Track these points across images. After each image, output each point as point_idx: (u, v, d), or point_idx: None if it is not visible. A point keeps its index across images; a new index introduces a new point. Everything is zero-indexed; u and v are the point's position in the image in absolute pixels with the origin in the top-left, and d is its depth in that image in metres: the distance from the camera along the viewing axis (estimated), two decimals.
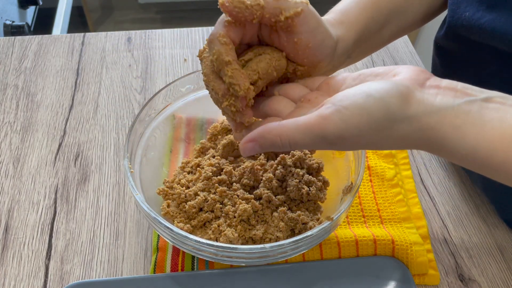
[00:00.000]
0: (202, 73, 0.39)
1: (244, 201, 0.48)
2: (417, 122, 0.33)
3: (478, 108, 0.33)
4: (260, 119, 0.41)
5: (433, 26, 0.59)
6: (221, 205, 0.48)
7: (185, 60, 0.75)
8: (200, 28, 0.81)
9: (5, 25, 0.99)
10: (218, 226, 0.47)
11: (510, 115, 0.32)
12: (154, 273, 0.48)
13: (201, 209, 0.49)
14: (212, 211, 0.48)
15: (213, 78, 0.38)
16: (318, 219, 0.48)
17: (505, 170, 0.32)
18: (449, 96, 0.33)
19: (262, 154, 0.53)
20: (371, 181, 0.57)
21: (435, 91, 0.34)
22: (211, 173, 0.50)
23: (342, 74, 0.39)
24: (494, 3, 0.45)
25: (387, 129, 0.33)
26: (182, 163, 0.55)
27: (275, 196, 0.49)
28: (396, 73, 0.35)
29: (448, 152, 0.33)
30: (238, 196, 0.49)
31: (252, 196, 0.49)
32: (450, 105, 0.33)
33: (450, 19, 0.51)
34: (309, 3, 0.38)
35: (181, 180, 0.51)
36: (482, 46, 0.48)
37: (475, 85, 0.54)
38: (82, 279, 0.49)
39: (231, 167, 0.51)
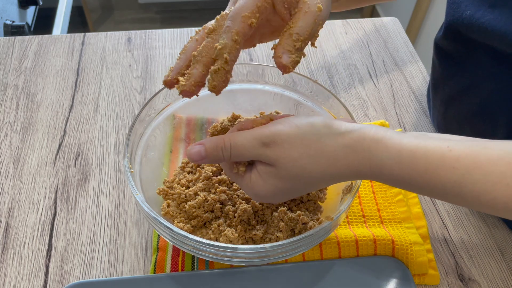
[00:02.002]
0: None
1: (244, 201, 0.48)
2: (341, 138, 0.37)
3: (393, 131, 0.37)
4: None
5: (434, 27, 0.59)
6: (221, 205, 0.48)
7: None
8: (200, 28, 0.81)
9: (5, 25, 0.99)
10: (218, 226, 0.47)
11: (422, 137, 0.37)
12: (154, 273, 0.48)
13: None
14: (212, 211, 0.48)
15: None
16: (318, 219, 0.48)
17: (427, 180, 0.35)
18: (367, 125, 0.38)
19: None
20: (371, 181, 0.57)
21: (355, 123, 0.39)
22: (211, 173, 0.50)
23: None
24: (495, 2, 0.45)
25: (315, 143, 0.37)
26: (182, 163, 0.55)
27: None
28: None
29: (379, 166, 0.36)
30: (238, 196, 0.49)
31: None
32: (368, 126, 0.38)
33: (450, 18, 0.51)
34: None
35: (181, 180, 0.51)
36: (481, 46, 0.48)
37: (472, 88, 0.55)
38: (82, 279, 0.49)
39: None
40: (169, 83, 0.41)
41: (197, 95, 0.40)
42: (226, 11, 0.41)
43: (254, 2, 0.39)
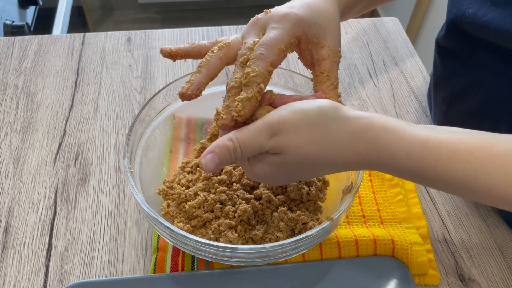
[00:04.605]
0: (241, 76, 0.40)
1: (244, 201, 0.48)
2: (348, 124, 0.36)
3: (403, 122, 0.36)
4: None
5: (433, 27, 0.59)
6: (221, 205, 0.48)
7: (185, 60, 0.75)
8: (200, 28, 0.81)
9: (5, 25, 0.99)
10: (218, 226, 0.47)
11: (433, 129, 0.36)
12: (154, 273, 0.48)
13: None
14: (212, 211, 0.48)
15: (235, 92, 0.40)
16: (318, 219, 0.48)
17: (439, 172, 0.34)
18: (377, 114, 0.37)
19: None
20: (371, 181, 0.57)
21: (364, 111, 0.38)
22: (211, 173, 0.50)
23: None
24: (498, 0, 0.45)
25: (321, 128, 0.36)
26: (182, 163, 0.55)
27: (275, 196, 0.49)
28: None
29: (389, 156, 0.35)
30: (238, 196, 0.49)
31: (252, 196, 0.49)
32: (377, 115, 0.36)
33: (452, 16, 0.51)
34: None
35: (181, 180, 0.51)
36: (484, 44, 0.48)
37: (474, 86, 0.54)
38: (82, 279, 0.49)
39: (231, 167, 0.51)
40: (187, 97, 0.41)
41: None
42: (249, 43, 0.41)
43: (288, 37, 0.41)
